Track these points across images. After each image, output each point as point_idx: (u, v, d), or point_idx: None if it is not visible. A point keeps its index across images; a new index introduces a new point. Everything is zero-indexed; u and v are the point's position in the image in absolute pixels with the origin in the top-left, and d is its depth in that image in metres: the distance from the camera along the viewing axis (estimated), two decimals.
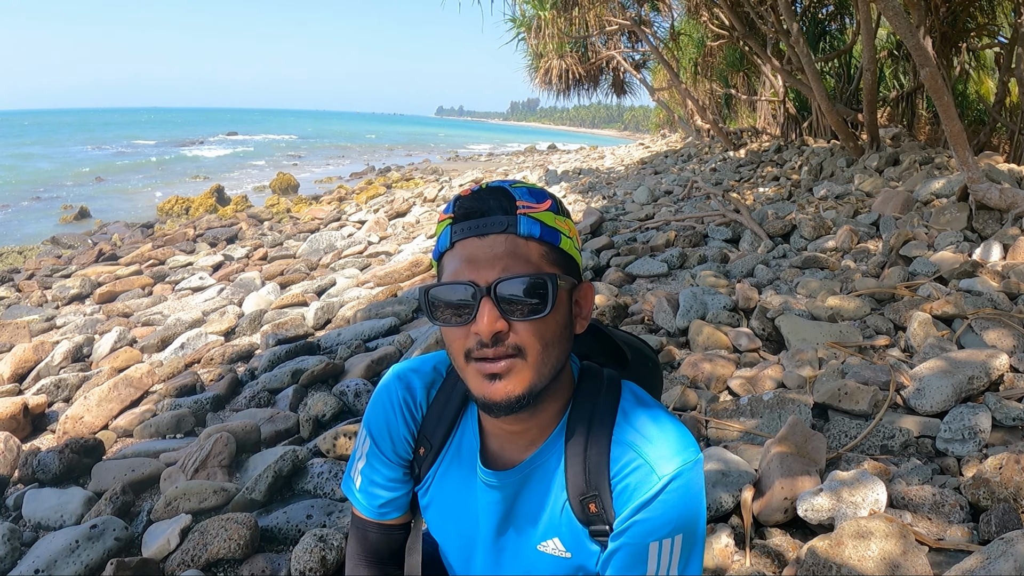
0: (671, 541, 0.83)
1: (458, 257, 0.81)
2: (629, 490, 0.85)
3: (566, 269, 0.85)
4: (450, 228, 0.83)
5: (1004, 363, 2.40)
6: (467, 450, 0.96)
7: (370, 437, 1.01)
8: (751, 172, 9.51)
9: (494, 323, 0.78)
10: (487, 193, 0.83)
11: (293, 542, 2.11)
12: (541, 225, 0.82)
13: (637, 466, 0.84)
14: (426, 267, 6.15)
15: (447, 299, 0.81)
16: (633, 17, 12.72)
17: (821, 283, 3.87)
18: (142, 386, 3.82)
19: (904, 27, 4.66)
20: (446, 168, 22.54)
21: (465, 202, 0.83)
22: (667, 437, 0.85)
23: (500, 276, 0.79)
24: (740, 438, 2.35)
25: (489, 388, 0.81)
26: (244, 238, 10.43)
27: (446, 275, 0.83)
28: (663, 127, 26.69)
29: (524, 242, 0.81)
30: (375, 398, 1.02)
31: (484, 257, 0.80)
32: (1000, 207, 4.35)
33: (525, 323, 0.80)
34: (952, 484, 1.90)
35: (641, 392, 0.93)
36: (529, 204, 0.82)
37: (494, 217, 0.81)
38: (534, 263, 0.81)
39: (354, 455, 1.05)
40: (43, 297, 7.24)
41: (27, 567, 2.07)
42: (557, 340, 0.83)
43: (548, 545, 0.92)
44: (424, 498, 1.02)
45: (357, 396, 3.15)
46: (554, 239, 0.83)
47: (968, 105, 9.01)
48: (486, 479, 0.93)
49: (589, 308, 0.90)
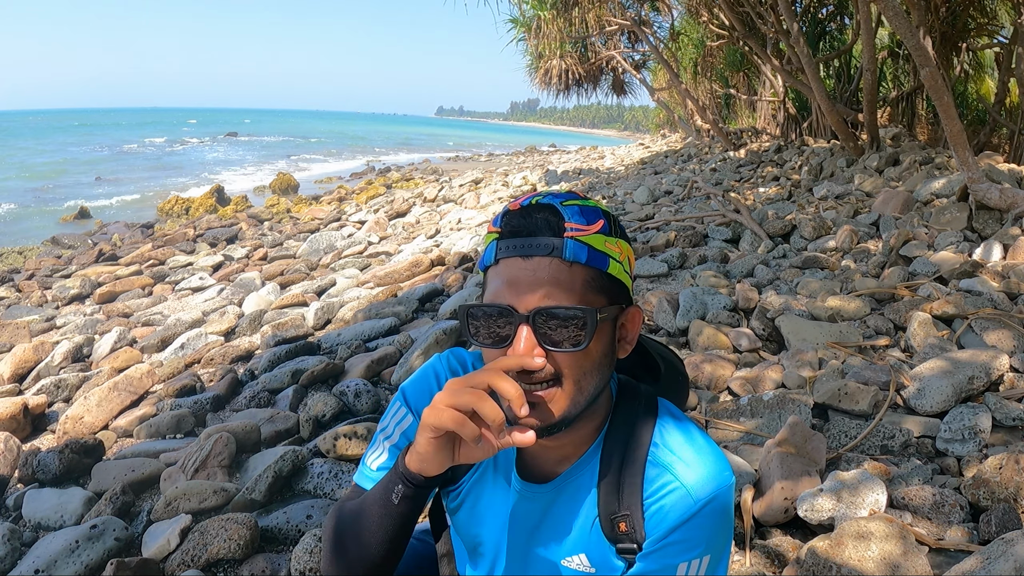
0: (700, 561, 0.84)
1: (501, 276, 0.80)
2: (664, 512, 0.84)
3: (612, 295, 0.83)
4: (496, 243, 0.81)
5: (1004, 363, 2.40)
6: (503, 458, 0.95)
7: (412, 413, 0.97)
8: (751, 172, 9.51)
9: (531, 351, 0.77)
10: (536, 210, 0.81)
11: (293, 542, 2.11)
12: (589, 250, 0.79)
13: (673, 488, 0.84)
14: (426, 267, 6.14)
15: (486, 321, 0.80)
16: (633, 17, 12.73)
17: (821, 283, 3.87)
18: (142, 386, 3.82)
19: (904, 27, 4.66)
20: (446, 168, 22.54)
21: (513, 218, 0.81)
22: (704, 460, 0.85)
23: (540, 305, 0.77)
24: (740, 438, 2.35)
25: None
26: (244, 238, 10.42)
27: (488, 293, 0.81)
28: (663, 127, 26.70)
29: (569, 267, 0.79)
30: (420, 376, 0.99)
31: (526, 281, 0.78)
32: (1000, 207, 4.35)
33: (563, 354, 0.78)
34: (952, 484, 1.90)
35: (677, 411, 0.93)
36: (579, 226, 0.80)
37: (540, 239, 0.79)
38: (578, 292, 0.79)
39: (376, 438, 0.99)
40: (43, 297, 7.24)
41: (27, 567, 2.07)
42: (596, 368, 0.82)
43: (574, 560, 0.92)
44: (455, 501, 1.00)
45: (357, 396, 3.15)
46: (602, 264, 0.80)
47: (968, 105, 9.01)
48: (520, 490, 0.93)
49: (635, 332, 0.88)
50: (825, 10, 10.75)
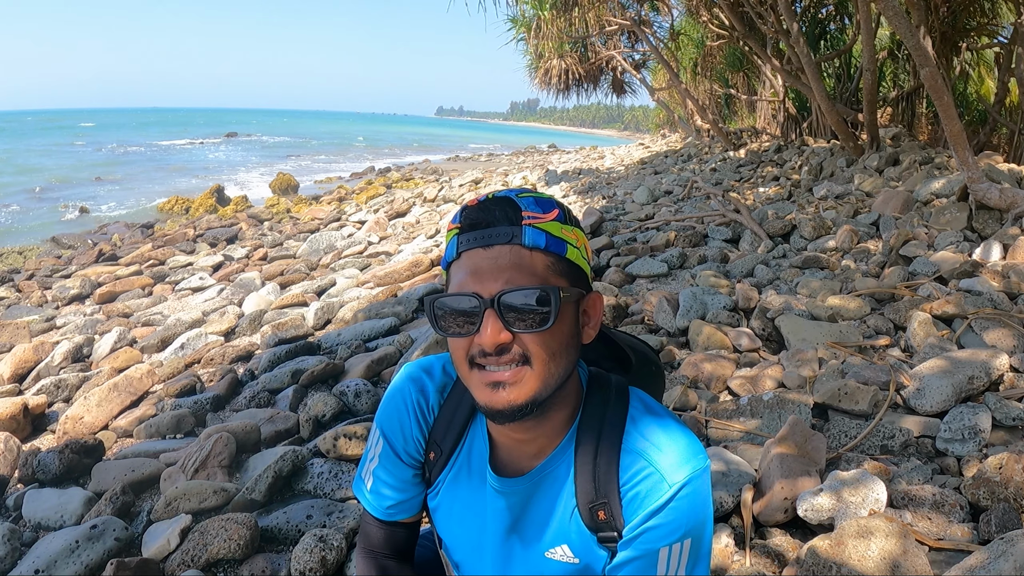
0: (680, 545, 0.85)
1: (464, 268, 0.82)
2: (640, 498, 0.86)
3: (573, 279, 0.85)
4: (457, 238, 0.83)
5: (1004, 363, 2.40)
6: (477, 456, 0.97)
7: (384, 438, 1.01)
8: (751, 172, 9.51)
9: (497, 335, 0.78)
10: (493, 203, 0.83)
11: (293, 542, 2.11)
12: (547, 235, 0.82)
13: (648, 474, 0.85)
14: (426, 267, 6.14)
15: (452, 310, 0.82)
16: (633, 17, 12.72)
17: (821, 283, 3.87)
18: (142, 386, 3.82)
19: (904, 27, 4.66)
20: (446, 168, 22.55)
21: (471, 212, 0.83)
22: (676, 445, 0.86)
23: (504, 288, 0.79)
24: (740, 438, 2.35)
25: (492, 396, 0.81)
26: (244, 238, 10.43)
27: (452, 286, 0.83)
28: (663, 127, 26.69)
29: (529, 253, 0.81)
30: (388, 400, 1.02)
31: (488, 269, 0.80)
32: (1000, 207, 4.35)
33: (529, 335, 0.80)
34: (952, 484, 1.90)
35: (649, 399, 0.94)
36: (535, 214, 0.82)
37: (499, 228, 0.81)
38: (539, 275, 0.81)
39: (365, 456, 1.05)
40: (43, 297, 7.24)
41: (27, 567, 2.07)
42: (563, 350, 0.83)
43: (556, 552, 0.93)
44: (433, 501, 1.03)
45: (357, 396, 3.15)
46: (560, 249, 0.83)
47: (968, 105, 9.01)
48: (496, 486, 0.94)
49: (598, 317, 0.90)
50: (825, 10, 10.74)
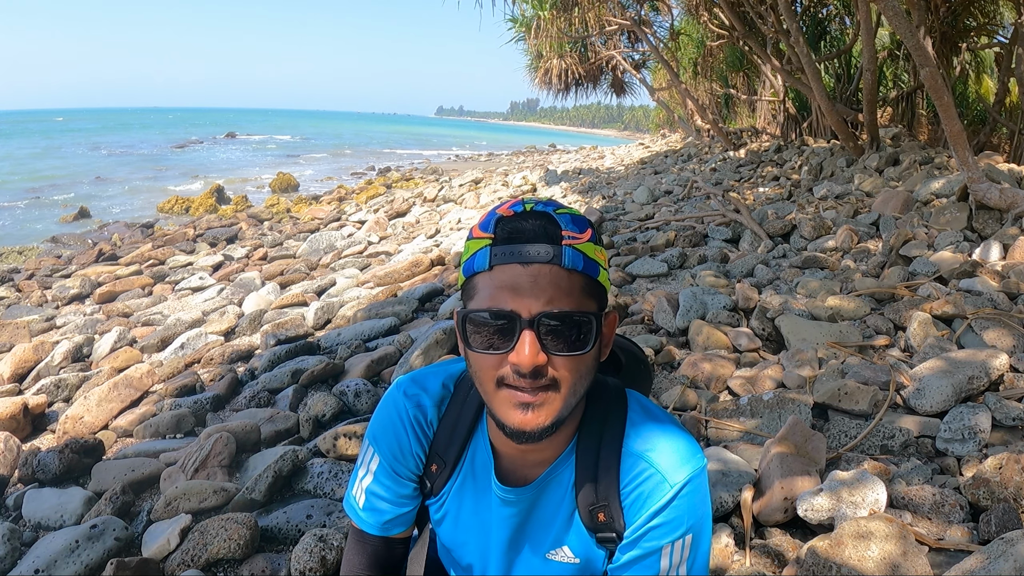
0: (682, 541, 0.87)
1: (497, 282, 0.79)
2: (642, 498, 0.87)
3: (600, 301, 0.84)
4: (490, 249, 0.81)
5: (1004, 363, 2.40)
6: (481, 466, 0.97)
7: (379, 454, 1.00)
8: (751, 172, 9.51)
9: (535, 356, 0.77)
10: (531, 217, 0.81)
11: (293, 542, 2.11)
12: (584, 257, 0.81)
13: (650, 475, 0.87)
14: (426, 267, 6.14)
15: (485, 326, 0.79)
16: (633, 17, 12.72)
17: (821, 283, 3.87)
18: (142, 386, 3.82)
19: (904, 27, 4.66)
20: (446, 168, 22.56)
21: (508, 224, 0.81)
22: (675, 446, 0.88)
23: (544, 310, 0.77)
24: (740, 438, 2.35)
25: (520, 417, 0.80)
26: (244, 238, 10.43)
27: (482, 299, 0.80)
28: (663, 127, 26.68)
29: (567, 275, 0.79)
30: (382, 415, 1.00)
31: (528, 287, 0.78)
32: (1000, 207, 4.35)
33: (562, 358, 0.79)
34: (952, 484, 1.90)
35: (646, 401, 0.96)
36: (574, 234, 0.80)
37: (539, 246, 0.79)
38: (576, 297, 0.80)
39: (356, 472, 1.03)
40: (43, 297, 7.23)
41: (27, 567, 2.07)
42: (589, 372, 0.84)
43: (557, 553, 0.95)
44: (438, 512, 1.02)
45: (357, 396, 3.15)
46: (594, 272, 0.82)
47: (968, 105, 9.02)
48: (502, 495, 0.94)
49: (611, 336, 0.91)
50: (825, 10, 10.74)
